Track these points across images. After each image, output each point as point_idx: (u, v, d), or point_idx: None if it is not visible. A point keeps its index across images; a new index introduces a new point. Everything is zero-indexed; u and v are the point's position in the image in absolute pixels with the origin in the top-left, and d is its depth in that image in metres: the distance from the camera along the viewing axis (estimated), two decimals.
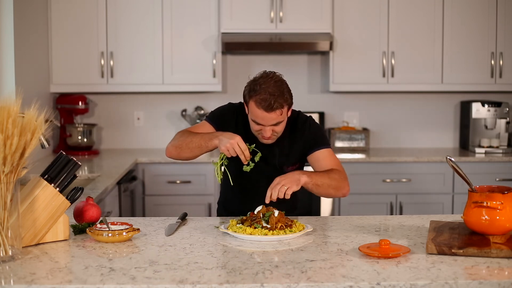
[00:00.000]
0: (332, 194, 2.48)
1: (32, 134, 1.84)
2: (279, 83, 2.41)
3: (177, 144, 2.52)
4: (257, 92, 2.37)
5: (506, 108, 4.79)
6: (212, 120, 2.60)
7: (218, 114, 2.62)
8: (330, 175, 2.46)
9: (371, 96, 5.11)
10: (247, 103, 2.45)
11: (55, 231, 2.03)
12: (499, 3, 4.74)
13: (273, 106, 2.36)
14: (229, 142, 2.33)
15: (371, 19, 4.73)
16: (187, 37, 4.68)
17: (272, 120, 2.40)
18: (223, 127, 2.55)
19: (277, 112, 2.38)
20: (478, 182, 4.89)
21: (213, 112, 2.65)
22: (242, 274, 1.71)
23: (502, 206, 1.98)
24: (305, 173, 2.37)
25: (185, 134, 2.54)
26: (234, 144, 2.33)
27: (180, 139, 2.51)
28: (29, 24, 4.15)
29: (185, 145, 2.49)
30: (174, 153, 2.55)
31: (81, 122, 4.85)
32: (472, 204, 2.03)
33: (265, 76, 2.42)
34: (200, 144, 2.45)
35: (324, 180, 2.42)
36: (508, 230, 2.01)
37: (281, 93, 2.39)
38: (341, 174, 2.50)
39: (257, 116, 2.40)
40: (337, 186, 2.46)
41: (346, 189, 2.50)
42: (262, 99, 2.36)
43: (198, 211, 4.45)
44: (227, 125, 2.57)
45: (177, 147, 2.52)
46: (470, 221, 2.04)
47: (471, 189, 2.09)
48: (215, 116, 2.62)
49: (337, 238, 2.13)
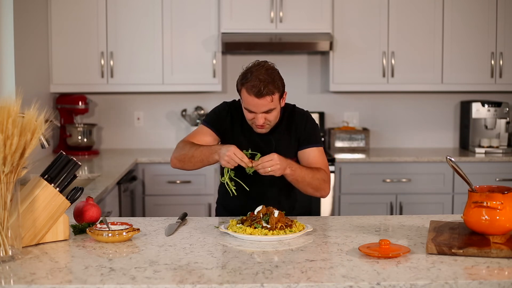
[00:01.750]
0: (310, 192, 2.55)
1: (32, 134, 1.84)
2: (270, 70, 2.46)
3: (179, 158, 2.57)
4: (249, 79, 2.43)
5: (506, 108, 4.79)
6: (208, 123, 2.64)
7: (213, 115, 2.66)
8: (315, 174, 2.51)
9: (371, 96, 5.11)
10: (239, 91, 2.50)
11: (55, 231, 2.03)
12: (499, 3, 4.74)
13: (263, 92, 2.41)
14: (226, 155, 2.37)
15: (371, 19, 4.73)
16: (187, 37, 4.68)
17: (263, 106, 2.44)
18: (220, 126, 2.61)
19: (267, 99, 2.43)
20: (478, 182, 4.88)
21: (208, 114, 2.69)
22: (242, 274, 1.71)
23: (502, 206, 1.98)
24: (292, 165, 2.44)
25: (186, 146, 2.57)
26: (231, 155, 2.37)
27: (182, 153, 2.56)
28: (29, 24, 4.15)
29: (187, 159, 2.55)
30: (178, 165, 2.61)
31: (81, 122, 4.85)
32: (472, 204, 2.03)
33: (257, 64, 2.48)
34: (202, 159, 2.51)
35: (306, 177, 2.48)
36: (508, 230, 2.01)
37: (272, 80, 2.44)
38: (325, 176, 2.55)
39: (249, 103, 2.45)
40: (317, 187, 2.53)
41: (326, 191, 2.57)
42: (252, 85, 2.41)
43: (198, 211, 4.45)
44: (223, 122, 2.62)
45: (180, 161, 2.58)
46: (470, 221, 2.04)
47: (471, 189, 2.09)
48: (211, 118, 2.66)
49: (337, 238, 2.13)
